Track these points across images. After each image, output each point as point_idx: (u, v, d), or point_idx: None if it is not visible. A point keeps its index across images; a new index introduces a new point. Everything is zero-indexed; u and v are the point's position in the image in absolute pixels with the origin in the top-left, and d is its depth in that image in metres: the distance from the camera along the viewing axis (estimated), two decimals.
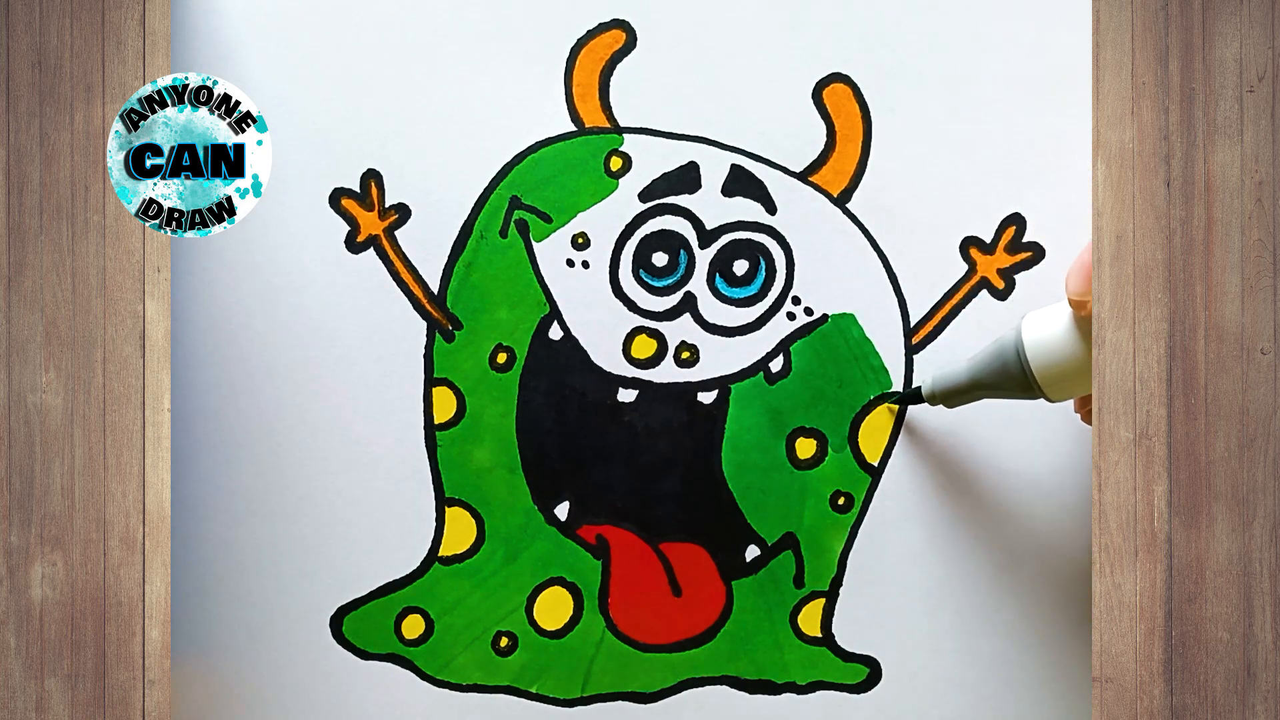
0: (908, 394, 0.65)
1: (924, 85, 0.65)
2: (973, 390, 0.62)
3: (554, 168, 0.66)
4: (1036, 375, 0.59)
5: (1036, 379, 0.59)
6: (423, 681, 0.66)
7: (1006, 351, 0.60)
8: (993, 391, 0.62)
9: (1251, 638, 0.56)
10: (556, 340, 0.66)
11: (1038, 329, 0.60)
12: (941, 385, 0.63)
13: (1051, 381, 0.59)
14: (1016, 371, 0.60)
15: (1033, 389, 0.60)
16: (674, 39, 0.66)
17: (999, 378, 0.61)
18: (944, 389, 0.63)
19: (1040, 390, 0.60)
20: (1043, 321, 0.60)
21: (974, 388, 0.62)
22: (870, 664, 0.66)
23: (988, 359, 0.61)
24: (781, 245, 0.66)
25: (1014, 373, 0.60)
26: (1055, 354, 0.59)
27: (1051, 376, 0.59)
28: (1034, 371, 0.59)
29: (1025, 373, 0.60)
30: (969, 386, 0.62)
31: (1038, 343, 0.59)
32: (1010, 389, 0.61)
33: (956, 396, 0.63)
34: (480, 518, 0.66)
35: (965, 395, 0.62)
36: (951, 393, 0.63)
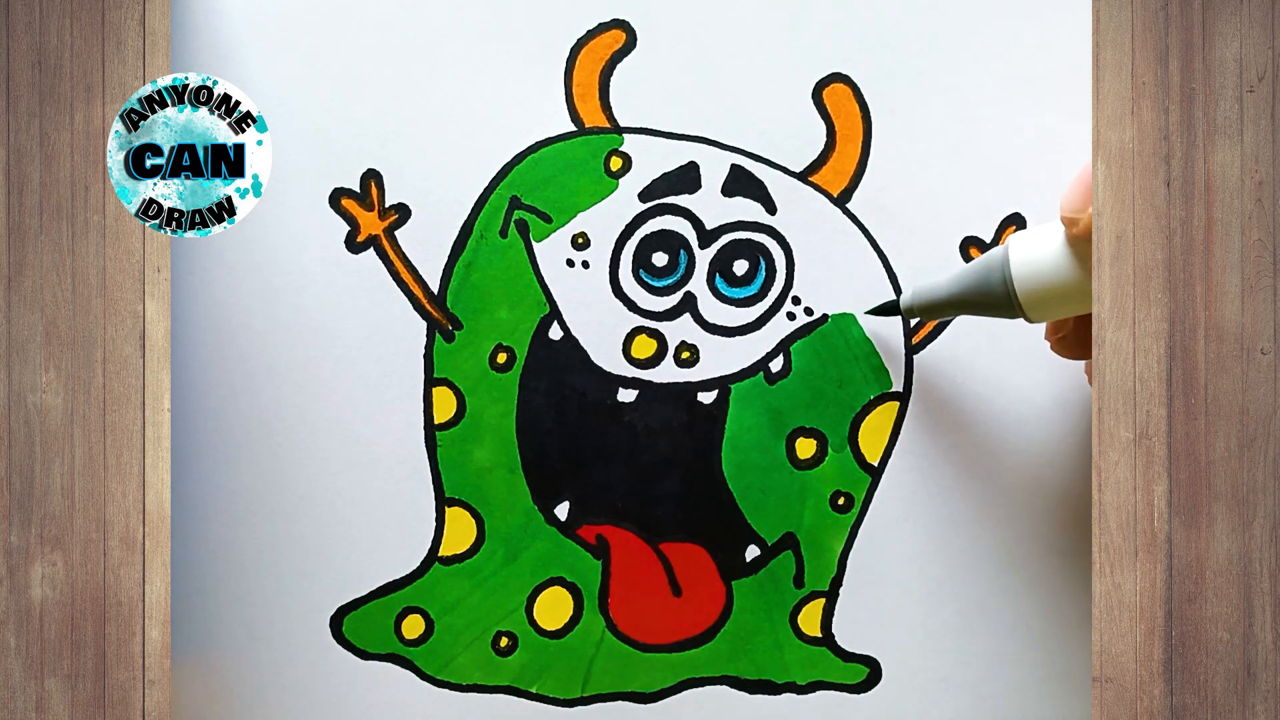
0: (886, 305, 0.64)
1: (924, 85, 0.65)
2: (952, 305, 0.61)
3: (554, 168, 0.66)
4: (1019, 294, 0.59)
5: (1019, 298, 0.59)
6: (423, 681, 0.66)
7: (991, 269, 0.60)
8: (972, 308, 0.61)
9: (1251, 638, 0.56)
10: (556, 340, 0.66)
11: (1025, 248, 0.59)
12: (921, 298, 0.62)
13: (1033, 302, 0.59)
14: (999, 289, 0.59)
15: (1014, 308, 0.59)
16: (674, 39, 0.66)
17: (980, 294, 0.60)
18: (923, 302, 0.62)
19: (1021, 309, 0.59)
20: (1031, 240, 0.59)
21: (954, 303, 0.61)
22: (870, 664, 0.66)
23: (971, 273, 0.60)
24: (781, 245, 0.66)
25: (996, 290, 0.59)
26: (1040, 274, 0.58)
27: (1034, 297, 0.59)
28: (1017, 290, 0.59)
29: (1008, 291, 0.59)
30: (948, 301, 0.61)
31: (1024, 262, 0.59)
32: (991, 307, 0.60)
33: (935, 310, 0.62)
34: (480, 518, 0.66)
35: (944, 309, 0.62)
36: (931, 306, 0.62)
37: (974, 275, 0.60)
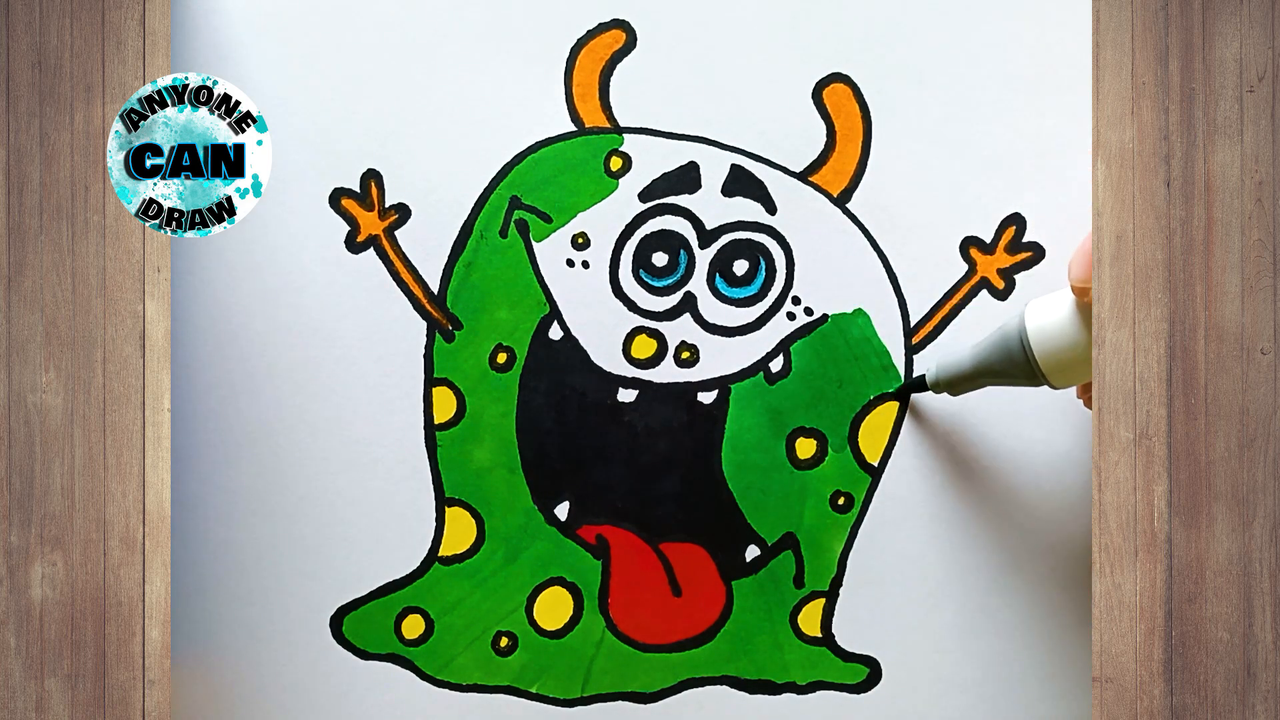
0: (911, 383, 0.65)
1: (924, 85, 0.65)
2: (977, 378, 0.62)
3: (554, 168, 0.66)
4: (1040, 362, 0.59)
5: (1040, 366, 0.60)
6: (423, 681, 0.66)
7: (1010, 339, 0.60)
8: (997, 379, 0.62)
9: (1251, 638, 0.56)
10: (556, 340, 0.66)
11: (1041, 316, 0.60)
12: (946, 373, 0.63)
13: (1055, 369, 0.59)
14: (1020, 359, 0.60)
15: (1036, 377, 0.60)
16: (674, 39, 0.66)
17: (1003, 365, 0.61)
18: (948, 376, 0.63)
19: (1044, 378, 0.60)
20: (1046, 309, 0.60)
21: (978, 375, 0.62)
22: (870, 664, 0.66)
23: (991, 346, 0.61)
24: (781, 245, 0.66)
25: (1017, 360, 0.60)
26: (1058, 341, 0.59)
27: (1055, 364, 0.59)
28: (1037, 359, 0.59)
29: (1029, 360, 0.60)
30: (973, 374, 0.62)
31: (1041, 330, 0.59)
32: (1014, 376, 0.61)
33: (960, 384, 0.63)
34: (480, 518, 0.66)
35: (969, 383, 0.63)
36: (955, 380, 0.63)
37: (995, 349, 0.61)
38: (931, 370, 0.64)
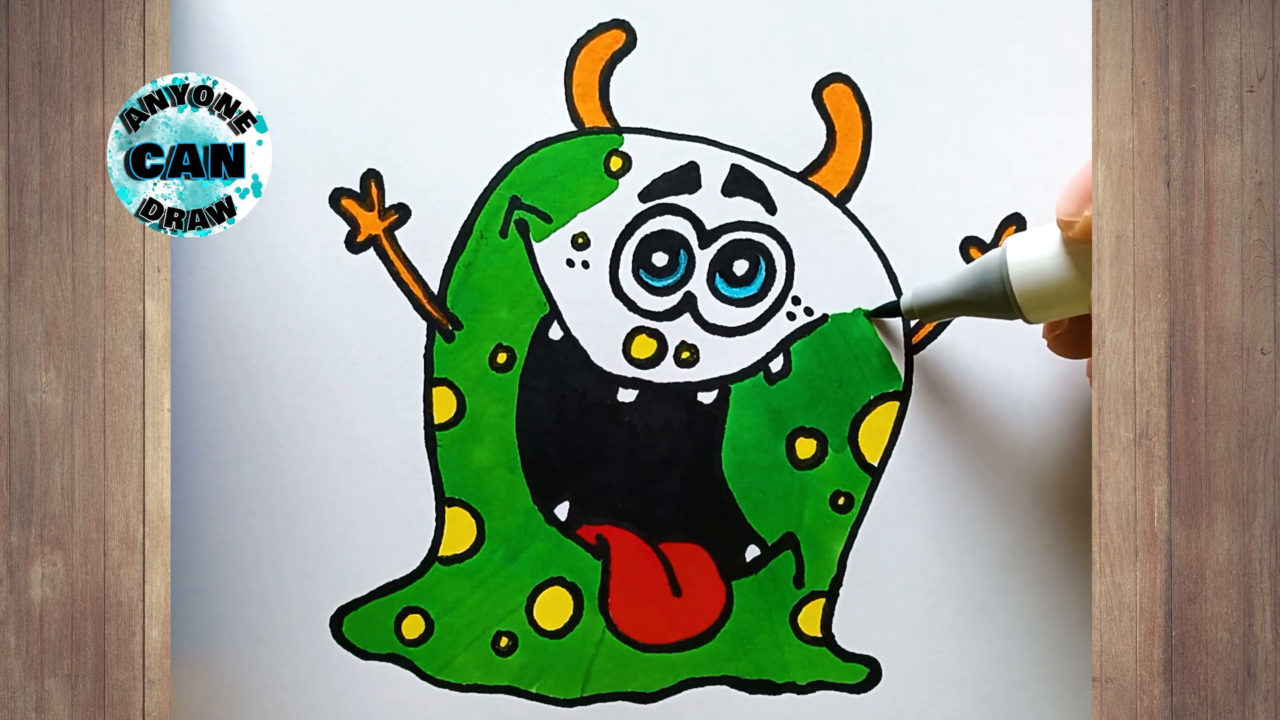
0: (884, 307, 0.65)
1: (924, 85, 0.65)
2: (951, 306, 0.62)
3: (554, 168, 0.66)
4: (1017, 296, 0.59)
5: (1017, 299, 0.59)
6: (423, 681, 0.66)
7: (989, 271, 0.60)
8: (971, 309, 0.61)
9: (1251, 638, 0.56)
10: (556, 340, 0.66)
11: (1023, 250, 0.59)
12: (921, 300, 0.63)
13: (1031, 303, 0.59)
14: (997, 290, 0.60)
15: (1012, 309, 0.60)
16: (674, 39, 0.66)
17: (979, 295, 0.60)
18: (923, 303, 0.63)
19: (1019, 310, 0.59)
20: (1028, 243, 0.59)
21: (953, 304, 0.62)
22: (870, 664, 0.66)
23: (970, 275, 0.61)
24: (781, 245, 0.66)
25: (995, 291, 0.60)
26: (1038, 275, 0.59)
27: (1032, 298, 0.59)
28: (1015, 292, 0.59)
29: (1006, 292, 0.59)
30: (948, 303, 0.62)
31: (1021, 264, 0.59)
32: (989, 308, 0.60)
33: (934, 311, 0.62)
34: (480, 518, 0.66)
35: (943, 310, 0.62)
36: (930, 307, 0.62)
37: (973, 277, 0.61)
38: (907, 296, 0.63)
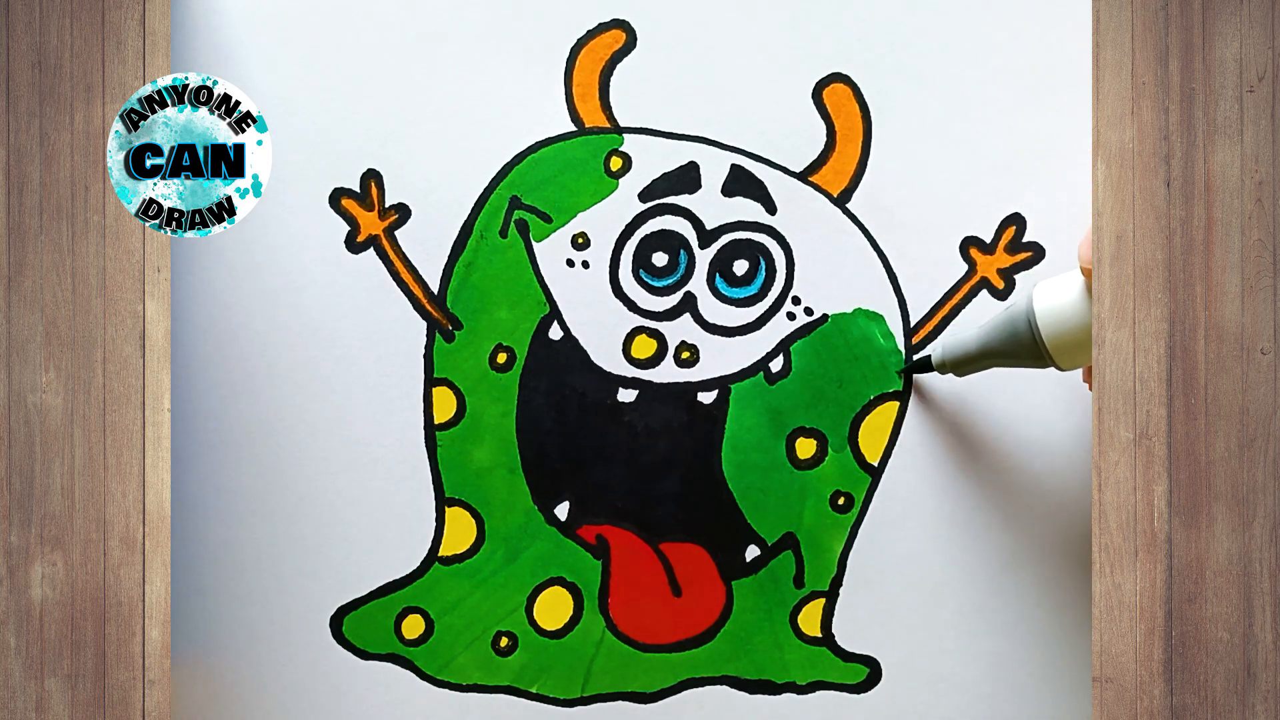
0: (917, 363, 0.65)
1: (924, 85, 0.65)
2: (983, 359, 0.62)
3: (554, 168, 0.66)
4: (1048, 343, 0.59)
5: (1047, 347, 0.59)
6: (423, 681, 0.66)
7: (1017, 320, 0.60)
8: (1003, 360, 0.61)
9: (1251, 638, 0.56)
10: (556, 340, 0.66)
11: (1049, 297, 0.59)
12: (952, 354, 0.63)
13: (1062, 350, 0.59)
14: (1027, 340, 0.60)
15: (1043, 358, 0.60)
16: (674, 39, 0.66)
17: (1010, 345, 0.61)
18: (954, 357, 0.63)
19: (1051, 359, 0.60)
20: (1054, 290, 0.60)
21: (984, 356, 0.62)
22: (870, 664, 0.66)
23: (998, 327, 0.61)
24: (781, 245, 0.66)
25: (1025, 341, 0.60)
26: (1066, 322, 0.59)
27: (1062, 345, 0.59)
28: (1045, 340, 0.59)
29: (1036, 341, 0.59)
30: (979, 355, 0.62)
31: (1049, 311, 0.59)
32: (1021, 357, 0.61)
33: (966, 365, 0.63)
34: (480, 518, 0.66)
35: (975, 364, 0.62)
36: (961, 361, 0.63)
37: (1002, 330, 0.61)
38: (937, 351, 0.64)
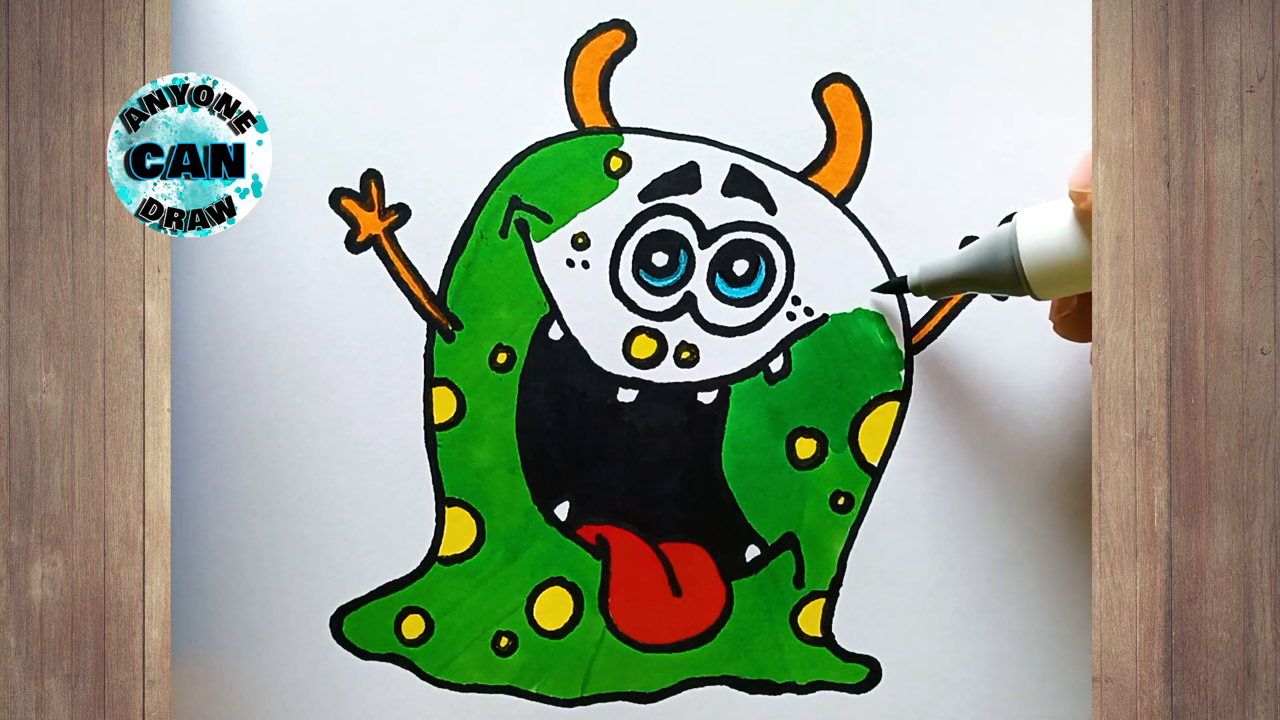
0: (893, 283, 0.64)
1: (924, 85, 0.65)
2: (960, 282, 0.61)
3: (554, 168, 0.66)
4: (1026, 271, 0.58)
5: (1026, 275, 0.59)
6: (423, 681, 0.66)
7: (999, 246, 0.59)
8: (980, 285, 0.61)
9: (1251, 638, 0.56)
10: (556, 340, 0.66)
11: (1033, 225, 0.59)
12: (929, 275, 0.62)
13: (1040, 279, 0.58)
14: (1007, 266, 0.59)
15: (1021, 285, 0.59)
16: (674, 39, 0.66)
17: (988, 271, 0.60)
18: (931, 279, 0.62)
19: (1028, 286, 0.59)
20: (1039, 217, 0.59)
21: (961, 280, 0.61)
22: (870, 664, 0.66)
23: (979, 250, 0.60)
24: (781, 245, 0.66)
25: (1004, 266, 0.59)
26: (1048, 250, 0.58)
27: (1041, 273, 0.58)
28: (1024, 267, 0.58)
29: (1015, 268, 0.59)
30: (956, 278, 0.61)
31: (1031, 239, 0.58)
32: (998, 284, 0.60)
33: (943, 287, 0.62)
34: (480, 518, 0.66)
35: (952, 286, 0.62)
36: (938, 283, 0.62)
37: (982, 252, 0.60)
38: (915, 272, 0.63)
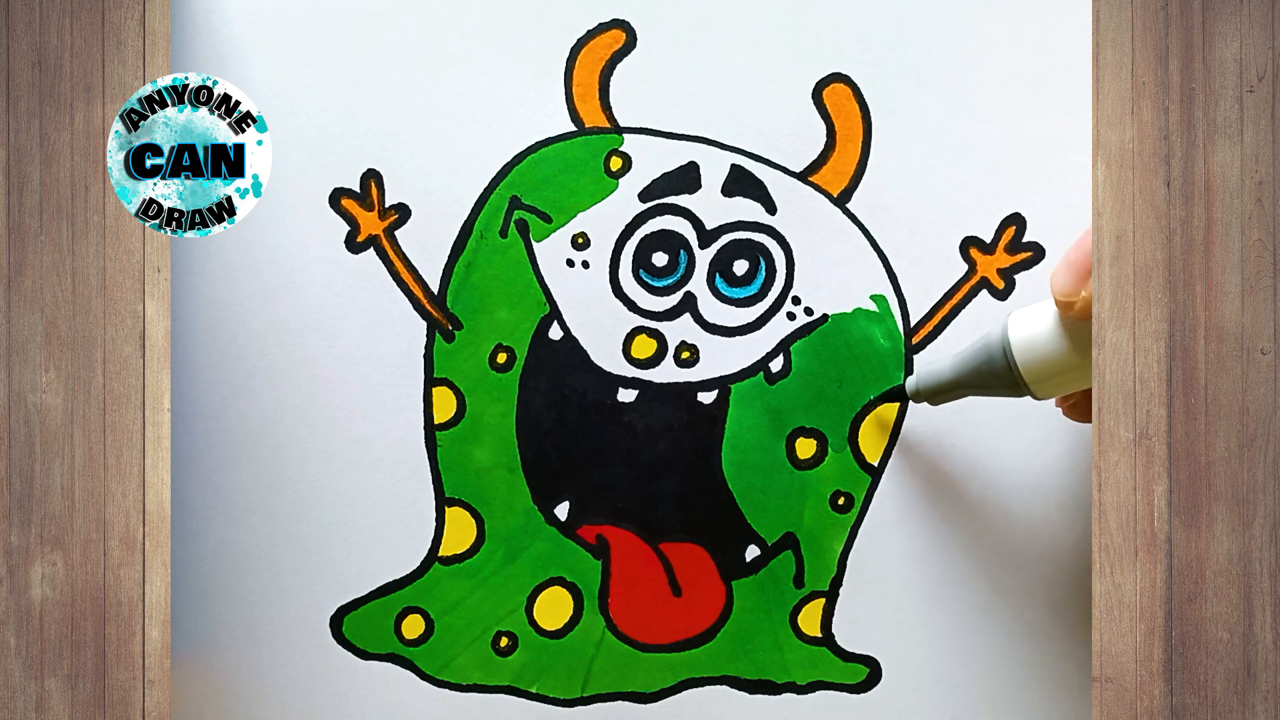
0: (890, 392, 0.65)
1: (924, 85, 0.65)
2: (957, 388, 0.62)
3: (554, 168, 0.66)
4: (1023, 373, 0.59)
5: (1023, 377, 0.59)
6: (423, 681, 0.66)
7: (993, 349, 0.60)
8: (978, 390, 0.61)
9: (1251, 638, 0.56)
10: (556, 340, 0.66)
11: (1024, 327, 0.59)
12: (926, 383, 0.63)
13: (1038, 379, 0.59)
14: (1003, 370, 0.60)
15: (1019, 387, 0.60)
16: (674, 39, 0.66)
17: (985, 376, 0.60)
18: (929, 386, 0.63)
19: (1027, 388, 0.60)
20: (1029, 319, 0.60)
21: (959, 385, 0.62)
22: (870, 664, 0.66)
23: (973, 356, 0.61)
24: (781, 245, 0.66)
25: (1000, 371, 0.60)
26: (1042, 352, 0.59)
27: (1038, 375, 0.59)
28: (1020, 370, 0.59)
29: (1011, 371, 0.59)
30: (954, 384, 0.62)
31: (1024, 341, 0.59)
32: (996, 387, 0.61)
33: (941, 394, 0.62)
34: (480, 518, 0.66)
35: (950, 393, 0.62)
36: (936, 390, 0.62)
37: (977, 359, 0.61)
38: (911, 380, 0.64)
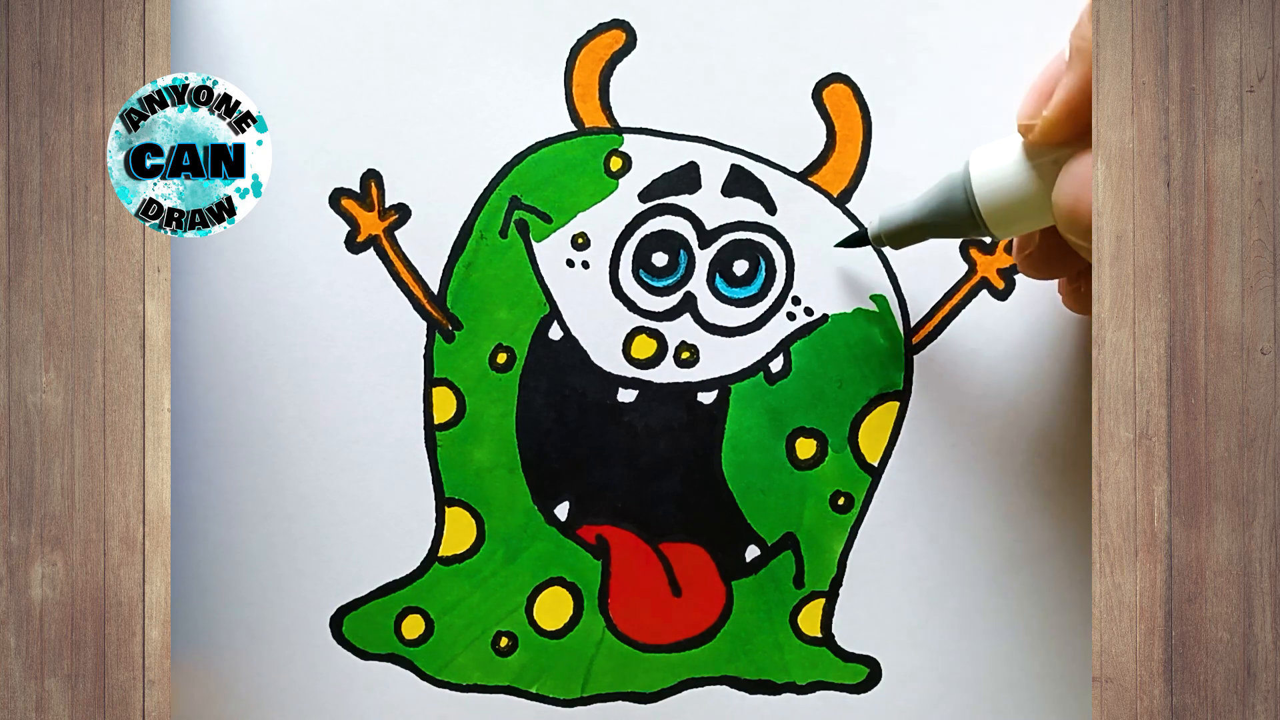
0: (854, 236, 0.64)
1: (924, 85, 0.65)
2: (919, 228, 0.61)
3: (554, 168, 0.66)
4: (982, 210, 0.58)
5: (982, 214, 0.58)
6: (423, 681, 0.67)
7: (954, 186, 0.59)
8: (939, 230, 0.60)
9: (1251, 638, 0.56)
10: (556, 340, 0.66)
11: (986, 163, 0.59)
12: (888, 225, 0.62)
13: (996, 217, 0.58)
14: (963, 206, 0.59)
15: (978, 225, 0.59)
16: (674, 39, 0.66)
17: (945, 215, 0.60)
18: (890, 229, 0.62)
19: (985, 226, 0.59)
20: (991, 155, 0.59)
21: (920, 226, 0.61)
22: (870, 664, 0.66)
23: (935, 194, 0.60)
24: (781, 245, 0.66)
25: (960, 208, 0.59)
26: (1001, 187, 0.58)
27: (996, 211, 0.58)
28: (980, 206, 0.58)
29: (971, 208, 0.59)
30: (914, 226, 0.61)
31: (984, 176, 0.58)
32: (956, 227, 0.60)
33: (903, 235, 0.62)
34: (480, 518, 0.66)
35: (912, 234, 0.61)
36: (897, 232, 0.62)
37: (938, 196, 0.60)
38: (874, 223, 0.63)
